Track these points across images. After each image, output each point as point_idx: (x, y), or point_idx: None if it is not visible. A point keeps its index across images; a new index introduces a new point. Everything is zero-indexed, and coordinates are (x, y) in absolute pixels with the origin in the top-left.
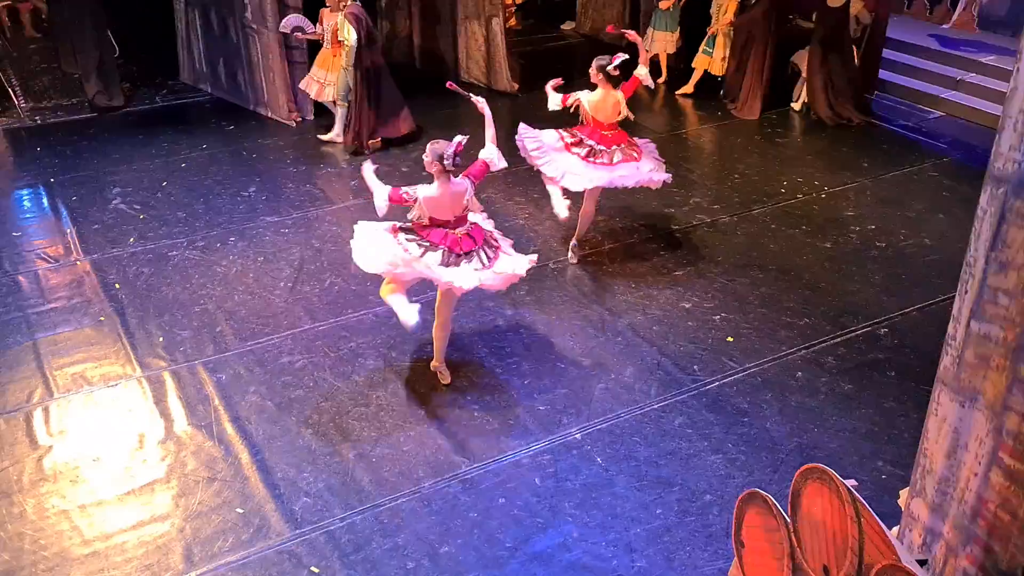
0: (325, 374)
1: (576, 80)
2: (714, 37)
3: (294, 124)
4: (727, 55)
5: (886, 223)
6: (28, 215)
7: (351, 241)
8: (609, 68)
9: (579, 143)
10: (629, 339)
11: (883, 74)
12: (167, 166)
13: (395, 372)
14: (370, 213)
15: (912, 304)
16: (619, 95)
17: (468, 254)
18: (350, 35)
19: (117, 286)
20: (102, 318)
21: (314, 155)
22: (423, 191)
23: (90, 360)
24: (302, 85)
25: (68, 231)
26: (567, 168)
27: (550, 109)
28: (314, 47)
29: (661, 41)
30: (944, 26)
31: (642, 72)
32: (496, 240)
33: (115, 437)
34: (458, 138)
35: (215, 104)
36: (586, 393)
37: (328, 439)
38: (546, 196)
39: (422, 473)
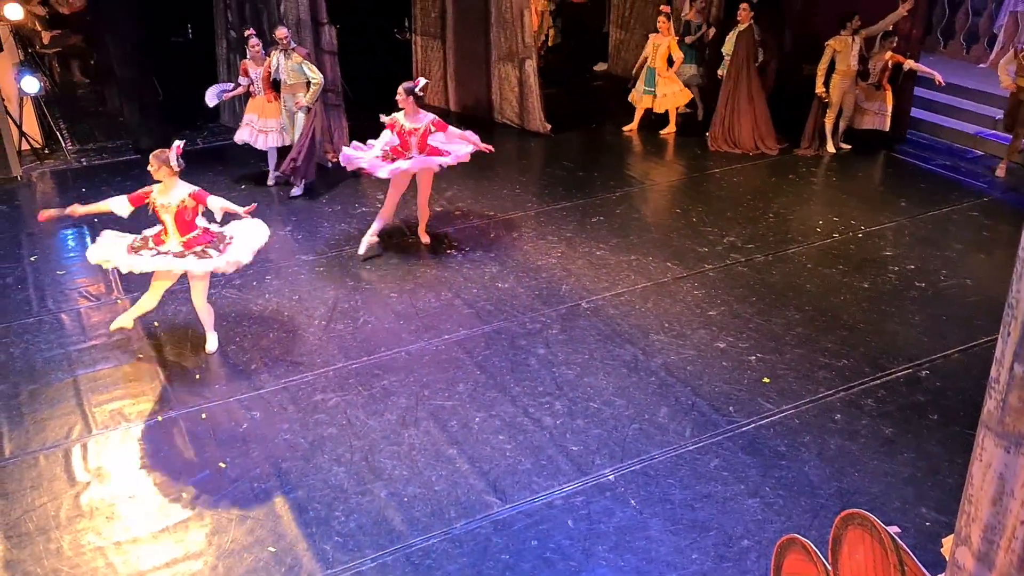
0: (358, 412)
1: (609, 120)
2: (653, 75)
3: (329, 164)
4: (679, 88)
5: (925, 263)
6: (72, 254)
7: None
8: (417, 90)
9: (386, 156)
10: (663, 379)
11: (920, 113)
12: None
13: (427, 410)
14: (404, 253)
15: (954, 346)
16: (431, 119)
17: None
18: (317, 74)
19: (156, 324)
20: (140, 355)
21: (349, 194)
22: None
23: (128, 397)
24: (238, 136)
25: (109, 270)
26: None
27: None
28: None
29: (686, 74)
30: (981, 65)
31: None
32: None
33: (151, 474)
34: (176, 142)
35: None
36: (619, 433)
37: (360, 478)
38: (578, 235)
39: (454, 513)
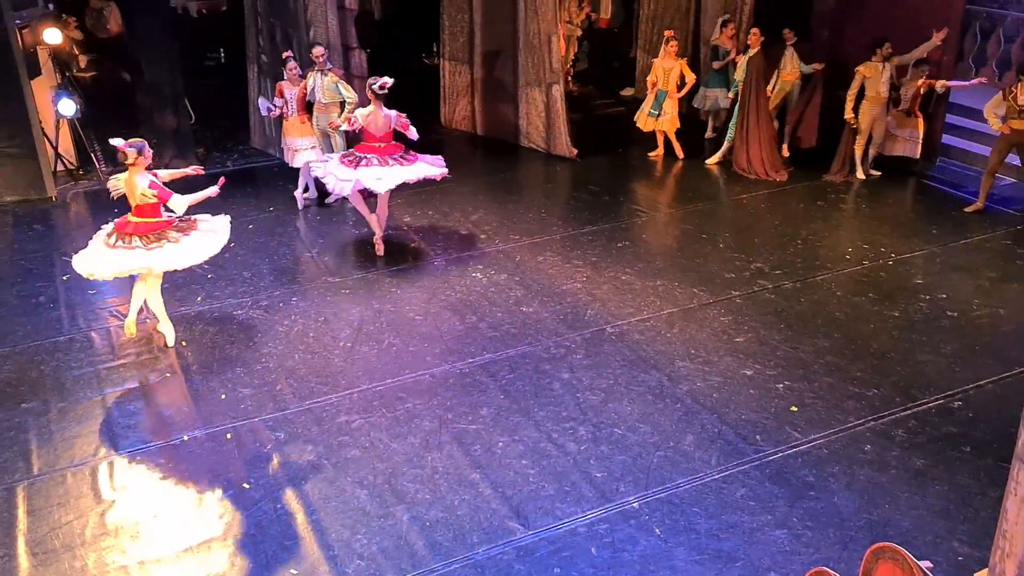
0: (381, 435)
1: (635, 145)
2: (661, 100)
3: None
4: (675, 113)
5: (957, 292)
6: None
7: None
8: (375, 87)
9: (354, 159)
10: (688, 406)
11: (952, 140)
12: (235, 227)
13: (451, 434)
14: (430, 275)
15: (987, 376)
16: (391, 113)
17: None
18: (352, 94)
19: (183, 343)
20: (168, 374)
21: None
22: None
23: (155, 415)
24: (299, 162)
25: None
26: (337, 176)
27: (340, 126)
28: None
29: (713, 98)
30: None
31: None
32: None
33: (175, 493)
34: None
35: (282, 168)
36: (644, 461)
37: (383, 501)
38: (604, 259)
39: (476, 538)
